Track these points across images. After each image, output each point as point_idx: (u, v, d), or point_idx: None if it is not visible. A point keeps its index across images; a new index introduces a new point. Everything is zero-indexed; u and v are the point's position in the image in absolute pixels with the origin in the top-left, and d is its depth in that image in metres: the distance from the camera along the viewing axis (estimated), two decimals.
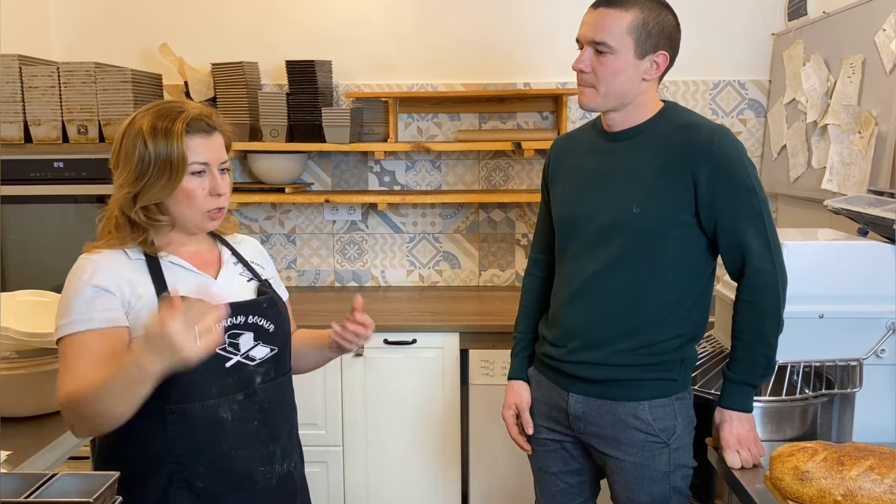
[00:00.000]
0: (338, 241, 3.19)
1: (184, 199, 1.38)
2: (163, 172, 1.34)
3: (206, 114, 1.41)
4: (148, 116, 1.37)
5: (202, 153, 1.38)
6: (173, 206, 1.39)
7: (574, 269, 1.68)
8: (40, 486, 1.07)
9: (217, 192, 1.40)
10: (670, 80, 2.98)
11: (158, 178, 1.34)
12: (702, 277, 1.64)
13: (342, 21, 3.04)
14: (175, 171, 1.34)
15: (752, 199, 1.54)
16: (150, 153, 1.34)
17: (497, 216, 3.14)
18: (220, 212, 1.43)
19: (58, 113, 2.64)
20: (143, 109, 1.40)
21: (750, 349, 1.56)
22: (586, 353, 1.64)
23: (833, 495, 1.26)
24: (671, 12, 1.59)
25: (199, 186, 1.38)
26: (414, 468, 2.65)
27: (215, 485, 1.38)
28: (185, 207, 1.39)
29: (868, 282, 1.67)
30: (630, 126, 1.63)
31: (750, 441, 1.55)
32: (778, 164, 2.80)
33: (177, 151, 1.34)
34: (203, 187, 1.39)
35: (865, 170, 2.16)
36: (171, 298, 1.15)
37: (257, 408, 1.42)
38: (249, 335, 1.42)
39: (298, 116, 2.85)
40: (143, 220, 1.38)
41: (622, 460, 1.63)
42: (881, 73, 2.12)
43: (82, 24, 3.07)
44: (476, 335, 2.58)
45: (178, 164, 1.34)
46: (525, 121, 3.06)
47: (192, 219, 1.40)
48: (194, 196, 1.38)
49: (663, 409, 1.62)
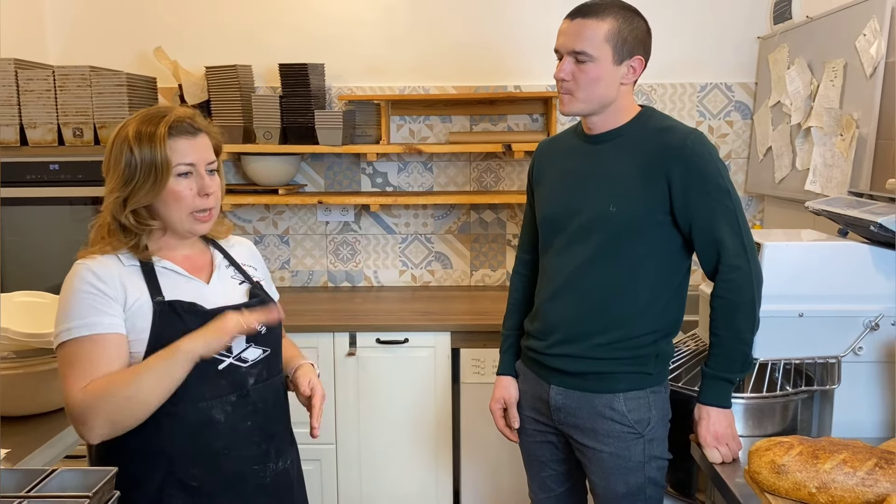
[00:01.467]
0: (331, 242, 3.22)
1: (172, 201, 1.40)
2: (149, 176, 1.37)
3: (190, 115, 1.43)
4: (133, 123, 1.40)
5: (187, 154, 1.40)
6: (162, 209, 1.41)
7: (556, 266, 1.73)
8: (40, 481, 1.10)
9: (205, 192, 1.41)
10: (658, 83, 3.02)
11: (145, 181, 1.37)
12: (677, 275, 1.69)
13: (335, 24, 3.08)
14: (160, 174, 1.37)
15: (725, 199, 1.60)
16: (135, 158, 1.36)
17: (488, 217, 3.18)
18: (209, 213, 1.44)
19: (53, 116, 2.67)
20: (131, 117, 1.43)
21: (726, 345, 1.61)
22: (566, 347, 1.70)
23: (808, 488, 1.30)
24: (642, 18, 1.65)
25: (187, 187, 1.40)
26: (406, 465, 2.68)
27: (209, 484, 1.40)
28: (173, 210, 1.40)
29: (847, 281, 1.71)
30: (609, 129, 1.69)
31: (728, 436, 1.60)
32: (764, 166, 2.85)
33: (160, 154, 1.36)
34: (191, 188, 1.40)
35: (847, 171, 2.21)
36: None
37: (251, 408, 1.44)
38: (242, 337, 1.43)
39: (291, 119, 2.89)
40: (133, 224, 1.40)
41: (599, 451, 1.69)
42: (862, 77, 2.16)
43: (77, 28, 3.09)
44: (467, 334, 2.62)
45: (163, 167, 1.36)
46: (515, 123, 3.10)
47: (180, 221, 1.42)
48: (182, 197, 1.40)
49: (638, 402, 1.67)
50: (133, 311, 1.37)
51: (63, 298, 1.37)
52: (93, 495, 1.05)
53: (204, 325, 1.36)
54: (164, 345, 1.35)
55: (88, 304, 1.34)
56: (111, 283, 1.36)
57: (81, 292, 1.35)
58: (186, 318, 1.38)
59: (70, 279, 1.38)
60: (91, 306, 1.34)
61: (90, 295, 1.34)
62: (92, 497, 1.05)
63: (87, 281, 1.35)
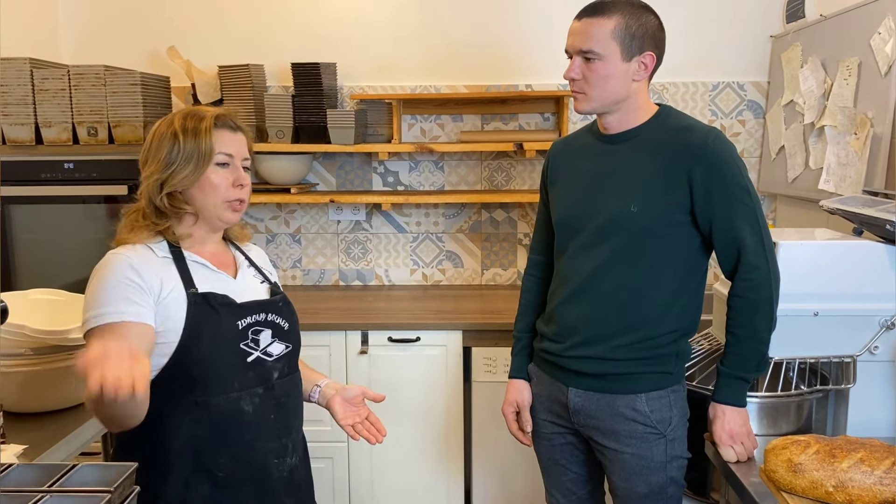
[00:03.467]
0: (342, 241, 3.23)
1: (209, 189, 1.44)
2: (190, 160, 1.42)
3: (233, 113, 1.51)
4: (178, 118, 1.46)
5: (228, 146, 1.46)
6: (198, 195, 1.45)
7: (573, 267, 1.72)
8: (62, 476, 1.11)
9: (239, 183, 1.47)
10: (670, 81, 3.01)
11: (186, 165, 1.42)
12: (696, 275, 1.69)
13: (346, 24, 3.08)
14: (202, 159, 1.42)
15: (745, 198, 1.59)
16: (179, 145, 1.42)
17: (499, 216, 3.18)
18: (242, 204, 1.49)
19: (68, 115, 2.69)
20: (171, 114, 1.49)
21: (743, 344, 1.61)
22: (585, 349, 1.69)
23: (825, 486, 1.29)
24: (653, 13, 1.65)
25: (224, 177, 1.45)
26: (417, 463, 2.69)
27: (235, 475, 1.43)
28: (208, 197, 1.45)
29: (862, 280, 1.71)
30: (626, 129, 1.68)
31: (743, 435, 1.60)
32: (776, 165, 2.84)
33: (205, 142, 1.43)
34: (227, 178, 1.46)
35: (861, 170, 2.20)
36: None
37: (274, 402, 1.47)
38: (268, 332, 1.48)
39: (303, 118, 2.90)
40: (167, 206, 1.44)
41: (621, 452, 1.68)
42: (876, 76, 2.16)
43: (90, 28, 3.11)
44: (479, 333, 2.62)
45: (206, 153, 1.43)
46: (527, 122, 3.10)
47: (214, 208, 1.46)
48: (217, 186, 1.45)
49: (659, 402, 1.66)
50: (168, 302, 1.39)
51: (96, 286, 1.38)
52: (114, 490, 1.06)
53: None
54: (198, 336, 1.38)
55: (121, 294, 1.35)
56: (146, 274, 1.38)
57: (115, 281, 1.37)
58: (220, 310, 1.42)
59: (105, 267, 1.39)
60: (124, 296, 1.35)
61: (123, 285, 1.36)
62: (113, 492, 1.06)
63: (121, 270, 1.37)
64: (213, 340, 1.40)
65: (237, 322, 1.44)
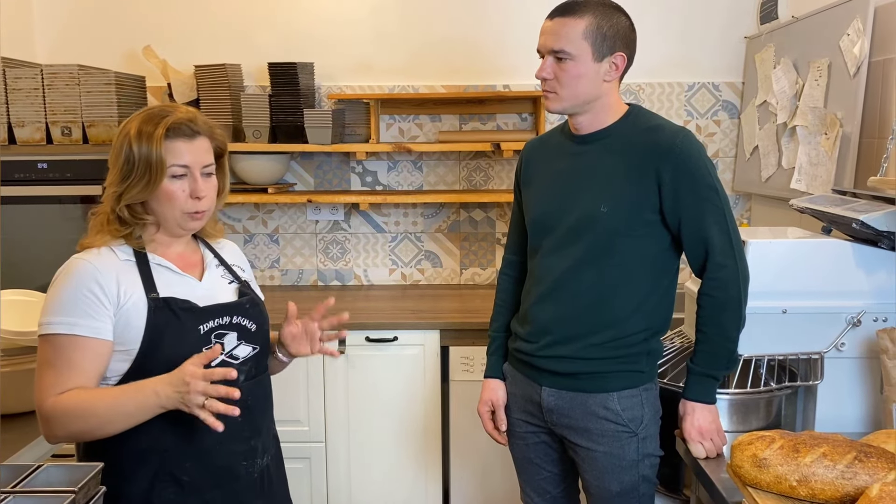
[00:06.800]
0: (320, 241, 3.23)
1: (165, 201, 1.42)
2: (144, 174, 1.39)
3: (191, 118, 1.44)
4: (136, 120, 1.42)
5: (183, 156, 1.41)
6: (156, 206, 1.43)
7: (545, 267, 1.74)
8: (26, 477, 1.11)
9: (197, 196, 1.43)
10: (646, 82, 3.04)
11: (140, 179, 1.39)
12: (667, 274, 1.71)
13: (324, 23, 3.08)
14: (154, 174, 1.39)
15: (713, 197, 1.61)
16: (133, 155, 1.39)
17: (478, 216, 3.19)
18: (202, 214, 1.46)
19: (41, 115, 2.66)
20: (136, 113, 1.45)
21: (712, 342, 1.63)
22: (559, 348, 1.70)
23: (788, 481, 1.31)
24: (624, 14, 1.66)
25: (180, 189, 1.42)
26: (395, 463, 2.69)
27: (200, 479, 1.42)
28: (166, 208, 1.43)
29: (829, 278, 1.73)
30: (597, 129, 1.70)
31: (712, 431, 1.61)
32: (751, 165, 2.87)
33: (156, 155, 1.38)
34: (184, 189, 1.42)
35: (831, 170, 2.23)
36: (212, 349, 1.31)
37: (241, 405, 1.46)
38: (233, 335, 1.46)
39: (281, 118, 2.89)
40: (128, 217, 1.42)
41: (593, 450, 1.69)
42: (845, 77, 2.19)
43: (66, 27, 3.09)
44: (456, 332, 2.63)
45: (157, 167, 1.38)
46: (505, 122, 3.12)
47: (173, 219, 1.44)
48: (175, 198, 1.42)
49: (631, 400, 1.68)
50: (128, 308, 1.38)
51: (56, 290, 1.37)
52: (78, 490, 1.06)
53: (171, 373, 1.31)
54: (159, 341, 1.37)
55: (80, 306, 1.35)
56: (107, 282, 1.37)
57: (75, 291, 1.36)
58: (181, 315, 1.41)
59: (68, 273, 1.38)
60: (83, 308, 1.35)
61: (84, 297, 1.35)
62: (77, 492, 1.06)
63: (83, 281, 1.36)
64: (174, 345, 1.38)
65: (199, 326, 1.42)
